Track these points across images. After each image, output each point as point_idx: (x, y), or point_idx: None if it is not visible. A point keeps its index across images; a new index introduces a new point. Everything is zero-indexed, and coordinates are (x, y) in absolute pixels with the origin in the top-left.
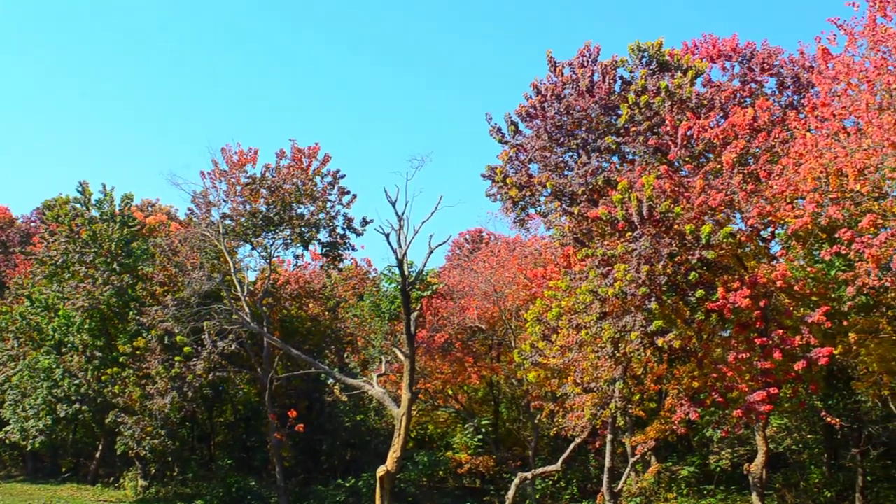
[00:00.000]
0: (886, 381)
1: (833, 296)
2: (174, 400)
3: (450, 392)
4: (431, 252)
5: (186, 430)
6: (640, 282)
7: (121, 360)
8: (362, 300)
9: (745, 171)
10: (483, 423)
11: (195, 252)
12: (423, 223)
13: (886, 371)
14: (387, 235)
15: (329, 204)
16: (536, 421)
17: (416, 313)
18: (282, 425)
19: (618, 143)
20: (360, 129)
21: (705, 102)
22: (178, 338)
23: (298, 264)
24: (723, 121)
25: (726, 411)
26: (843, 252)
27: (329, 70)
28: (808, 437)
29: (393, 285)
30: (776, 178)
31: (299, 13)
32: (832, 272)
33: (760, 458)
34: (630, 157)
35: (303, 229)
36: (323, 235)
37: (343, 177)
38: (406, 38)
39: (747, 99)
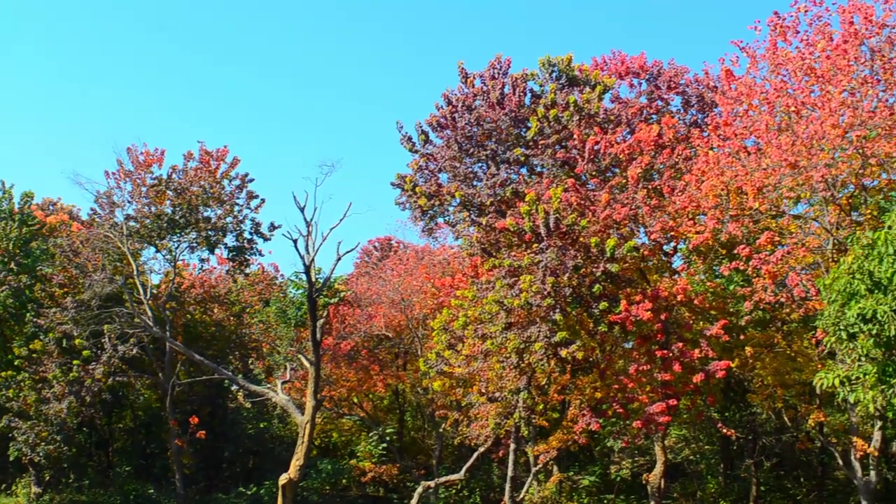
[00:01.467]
0: (780, 393)
1: (731, 310)
2: (71, 405)
3: (355, 400)
4: (339, 259)
5: (83, 435)
6: (545, 293)
7: (16, 363)
8: (268, 306)
9: (650, 187)
10: (388, 431)
11: (97, 253)
12: (331, 230)
13: (780, 384)
14: (294, 241)
15: (237, 208)
16: (441, 430)
17: (322, 320)
18: (183, 432)
19: (526, 156)
20: (270, 134)
21: (613, 118)
22: (77, 341)
23: (204, 268)
24: (629, 136)
25: (627, 422)
26: (742, 268)
27: (239, 75)
28: (706, 447)
29: (300, 291)
30: (679, 194)
31: (211, 17)
32: (731, 287)
33: (659, 468)
34: (538, 169)
35: (209, 233)
36: (230, 239)
37: (252, 181)
38: (318, 45)
39: (653, 116)
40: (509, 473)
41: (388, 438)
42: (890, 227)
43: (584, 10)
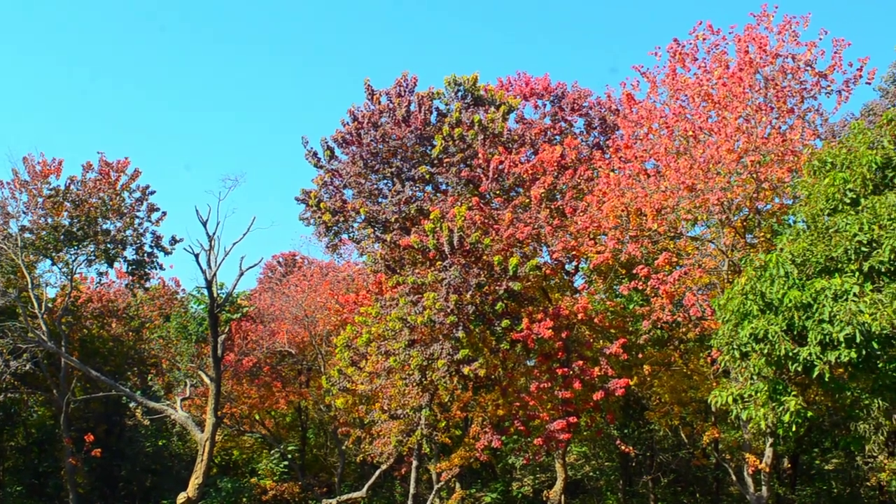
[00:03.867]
0: (677, 411)
1: (630, 329)
2: None
3: (256, 417)
4: (242, 274)
5: None
6: (448, 310)
7: None
8: (169, 321)
9: (552, 207)
10: (290, 448)
11: None
12: (234, 244)
13: (677, 402)
14: (196, 255)
15: (137, 220)
16: (343, 447)
17: (223, 336)
18: (78, 450)
19: (431, 174)
20: (172, 146)
21: (517, 138)
22: None
23: (102, 282)
24: (533, 157)
25: (528, 439)
26: (641, 287)
27: (142, 83)
28: (606, 464)
29: (201, 307)
30: (580, 214)
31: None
32: (630, 306)
33: (559, 484)
34: (443, 187)
35: (108, 246)
36: (129, 253)
37: (153, 193)
38: (223, 58)
39: (557, 137)
40: (411, 491)
41: (289, 456)
42: (781, 250)
43: (489, 31)
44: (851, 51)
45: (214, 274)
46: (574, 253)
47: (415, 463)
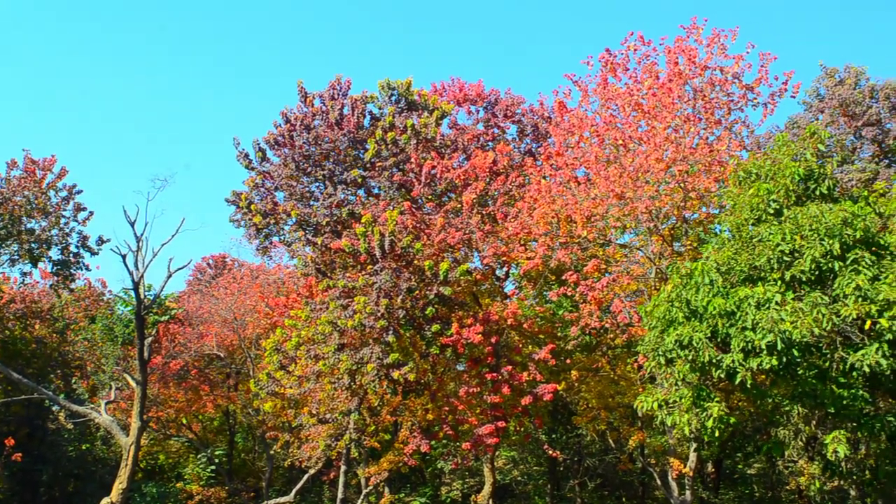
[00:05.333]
0: (604, 416)
1: (559, 335)
2: None
3: (183, 421)
4: (171, 275)
5: None
6: (379, 314)
7: None
8: (94, 323)
9: (484, 212)
10: (217, 453)
11: None
12: (162, 245)
13: (604, 407)
14: (123, 256)
15: (63, 220)
16: (272, 451)
17: (150, 338)
18: None
19: (364, 177)
20: (101, 145)
21: (449, 143)
22: None
23: (26, 282)
24: (465, 162)
25: (457, 443)
26: (570, 294)
27: (71, 80)
28: (534, 468)
29: (128, 308)
30: (512, 220)
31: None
32: (559, 312)
33: (487, 488)
34: (375, 191)
35: (32, 245)
36: (54, 253)
37: (80, 192)
38: (155, 57)
39: (489, 143)
40: (340, 495)
41: (217, 460)
42: (707, 259)
43: (423, 35)
44: (777, 64)
45: (142, 275)
46: (504, 258)
47: (343, 467)
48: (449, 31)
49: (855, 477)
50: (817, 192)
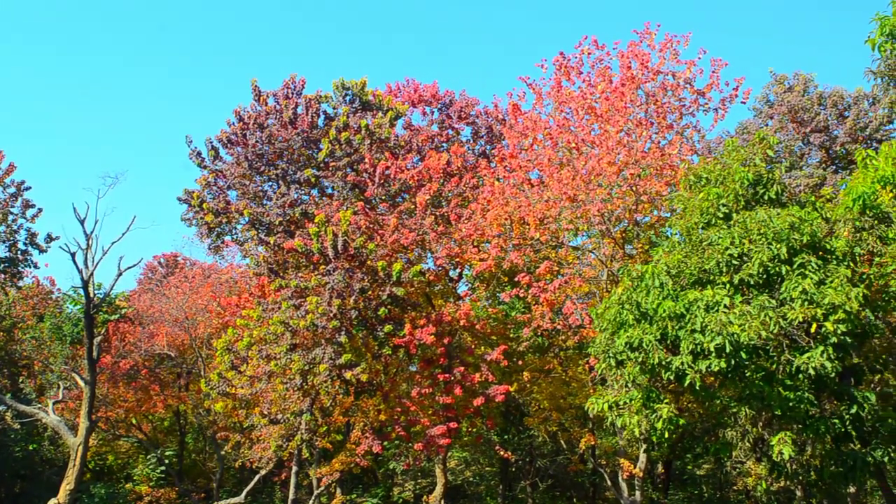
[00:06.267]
0: (556, 417)
1: (511, 336)
2: None
3: (133, 421)
4: (121, 274)
5: None
6: (331, 315)
7: None
8: (42, 321)
9: (437, 213)
10: (167, 453)
11: None
12: (113, 244)
13: (556, 408)
14: (73, 254)
15: (11, 217)
16: (223, 452)
17: (100, 337)
18: None
19: (317, 177)
20: (51, 141)
21: (403, 144)
22: None
23: None
24: (419, 163)
25: (409, 444)
26: (522, 295)
27: (19, 74)
28: (486, 469)
29: (77, 307)
30: (465, 221)
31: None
32: (512, 314)
33: (439, 489)
34: (329, 191)
35: None
36: (2, 250)
37: (28, 189)
38: (106, 53)
39: (444, 144)
40: (291, 496)
41: (167, 461)
42: (657, 262)
43: (379, 34)
44: (728, 70)
45: (91, 273)
46: (458, 260)
47: (295, 468)
48: (404, 32)
49: (800, 477)
50: (766, 197)
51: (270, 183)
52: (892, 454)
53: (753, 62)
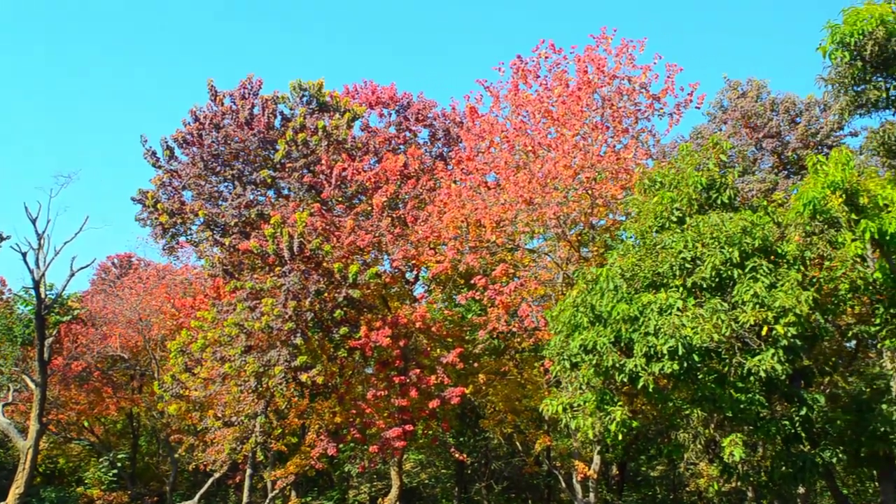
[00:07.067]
0: (511, 419)
1: (467, 338)
2: None
3: (85, 424)
4: (73, 274)
5: None
6: (286, 317)
7: None
8: None
9: (394, 215)
10: (120, 456)
11: None
12: (65, 244)
13: (511, 410)
14: (24, 254)
15: None
16: (176, 455)
17: (51, 339)
18: None
19: (273, 178)
20: (2, 140)
21: (361, 146)
22: None
23: None
24: (376, 165)
25: (364, 447)
26: (478, 298)
27: None
28: (442, 471)
29: (28, 308)
30: (422, 224)
31: None
32: (468, 316)
33: (395, 492)
34: (285, 192)
35: None
36: None
37: None
38: (62, 49)
39: (401, 146)
40: (245, 499)
41: (119, 464)
42: (612, 265)
43: (336, 37)
44: (683, 76)
45: (43, 274)
46: (414, 262)
47: (249, 471)
48: (362, 32)
49: (751, 479)
50: (719, 202)
51: (226, 183)
52: (841, 455)
53: (708, 68)
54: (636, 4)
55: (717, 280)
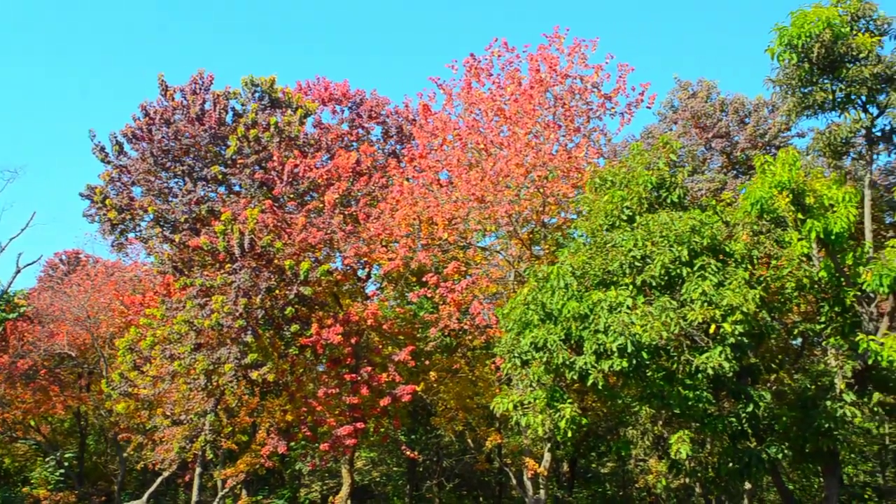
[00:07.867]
0: (462, 417)
1: (419, 336)
2: None
3: (31, 423)
4: (19, 271)
5: None
6: (237, 314)
7: None
8: None
9: (346, 213)
10: (67, 456)
11: None
12: (11, 240)
13: (462, 408)
14: None
15: None
16: (124, 454)
17: None
18: None
19: (224, 174)
20: None
21: (313, 142)
22: None
23: None
24: (328, 162)
25: (315, 444)
26: (430, 295)
27: None
28: (393, 469)
29: None
30: (374, 221)
31: None
32: (419, 313)
33: (346, 490)
34: (236, 188)
35: None
36: None
37: None
38: (10, 46)
39: (354, 143)
40: (195, 498)
41: (66, 463)
42: (562, 263)
43: (288, 33)
44: (635, 76)
45: None
46: (366, 259)
47: (199, 470)
48: (315, 30)
49: (699, 475)
50: (668, 201)
51: (176, 179)
52: (787, 451)
53: (659, 68)
54: (589, 4)
55: (666, 278)
